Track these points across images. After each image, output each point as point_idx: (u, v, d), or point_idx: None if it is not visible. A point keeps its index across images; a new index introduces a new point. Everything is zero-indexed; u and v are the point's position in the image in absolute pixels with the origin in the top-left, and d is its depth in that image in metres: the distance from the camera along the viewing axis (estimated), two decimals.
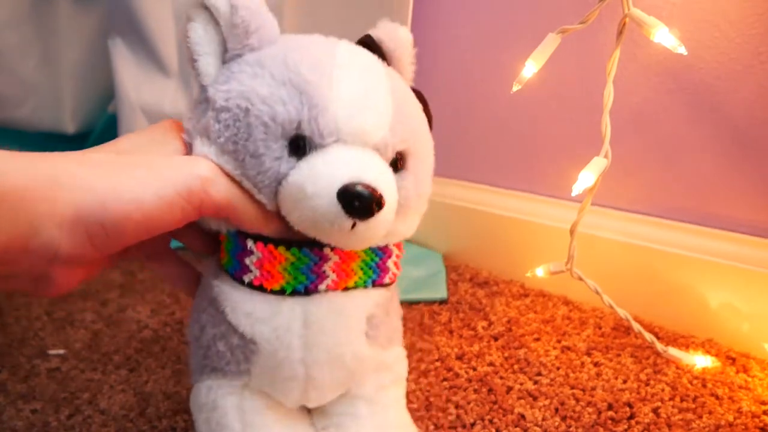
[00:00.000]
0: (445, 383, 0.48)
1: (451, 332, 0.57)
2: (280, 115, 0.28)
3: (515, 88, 0.48)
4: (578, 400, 0.46)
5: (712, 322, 0.55)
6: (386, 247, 0.33)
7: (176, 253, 0.34)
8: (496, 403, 0.45)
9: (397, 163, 0.31)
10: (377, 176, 0.28)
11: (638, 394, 0.46)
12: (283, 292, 0.30)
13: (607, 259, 0.60)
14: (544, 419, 0.43)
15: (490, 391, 0.47)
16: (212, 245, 0.33)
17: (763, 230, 0.53)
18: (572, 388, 0.47)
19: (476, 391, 0.47)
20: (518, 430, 0.42)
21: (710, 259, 0.54)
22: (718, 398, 0.46)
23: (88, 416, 0.43)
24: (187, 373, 0.48)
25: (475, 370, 0.50)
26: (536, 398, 0.46)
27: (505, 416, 0.44)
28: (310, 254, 0.30)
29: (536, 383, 0.48)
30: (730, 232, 0.54)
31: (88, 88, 0.77)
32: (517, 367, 0.50)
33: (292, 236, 0.30)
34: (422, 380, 0.48)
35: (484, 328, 0.57)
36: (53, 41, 0.73)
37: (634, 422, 0.43)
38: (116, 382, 0.47)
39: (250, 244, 0.29)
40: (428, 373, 0.49)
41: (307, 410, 0.36)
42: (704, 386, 0.47)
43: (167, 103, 0.71)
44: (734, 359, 0.51)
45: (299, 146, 0.28)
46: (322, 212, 0.26)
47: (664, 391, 0.47)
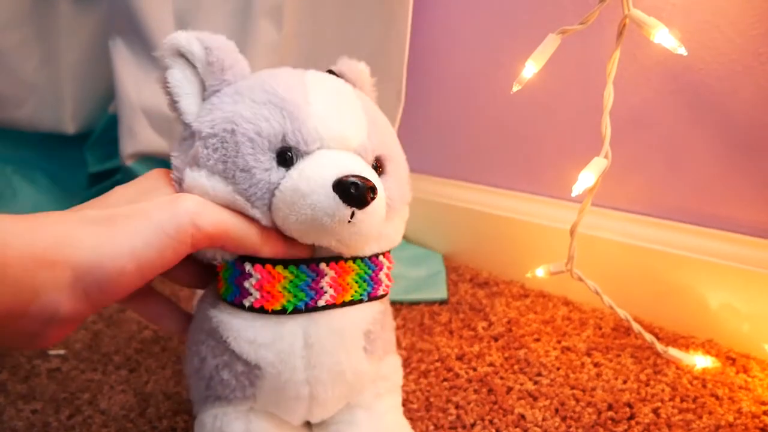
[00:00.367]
0: (445, 383, 0.48)
1: (451, 333, 0.57)
2: (264, 129, 0.29)
3: (515, 88, 0.48)
4: (578, 400, 0.46)
5: (712, 322, 0.55)
6: (377, 259, 0.34)
7: (157, 292, 0.34)
8: (496, 403, 0.45)
9: (377, 167, 0.33)
10: (366, 170, 0.30)
11: (638, 394, 0.46)
12: (284, 311, 0.30)
13: (607, 259, 0.60)
14: (544, 419, 0.43)
15: (490, 391, 0.47)
16: (203, 278, 0.33)
17: (763, 231, 0.53)
18: (572, 388, 0.47)
19: (476, 391, 0.47)
20: (518, 430, 0.42)
21: (710, 259, 0.54)
22: (718, 399, 0.46)
23: (88, 416, 0.43)
24: None
25: (475, 370, 0.50)
26: (536, 399, 0.46)
27: (505, 416, 0.44)
28: (306, 271, 0.31)
29: (536, 384, 0.48)
30: (730, 232, 0.54)
31: (88, 88, 0.77)
32: (517, 367, 0.50)
33: (288, 256, 0.31)
34: (422, 380, 0.48)
35: (484, 328, 0.57)
36: (53, 41, 0.73)
37: (634, 422, 0.43)
38: (116, 382, 0.47)
39: (248, 267, 0.30)
40: (428, 373, 0.49)
41: (308, 423, 0.37)
42: (704, 387, 0.47)
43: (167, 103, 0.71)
44: (734, 360, 0.51)
45: (287, 158, 0.29)
46: (320, 206, 0.27)
47: (664, 391, 0.47)
